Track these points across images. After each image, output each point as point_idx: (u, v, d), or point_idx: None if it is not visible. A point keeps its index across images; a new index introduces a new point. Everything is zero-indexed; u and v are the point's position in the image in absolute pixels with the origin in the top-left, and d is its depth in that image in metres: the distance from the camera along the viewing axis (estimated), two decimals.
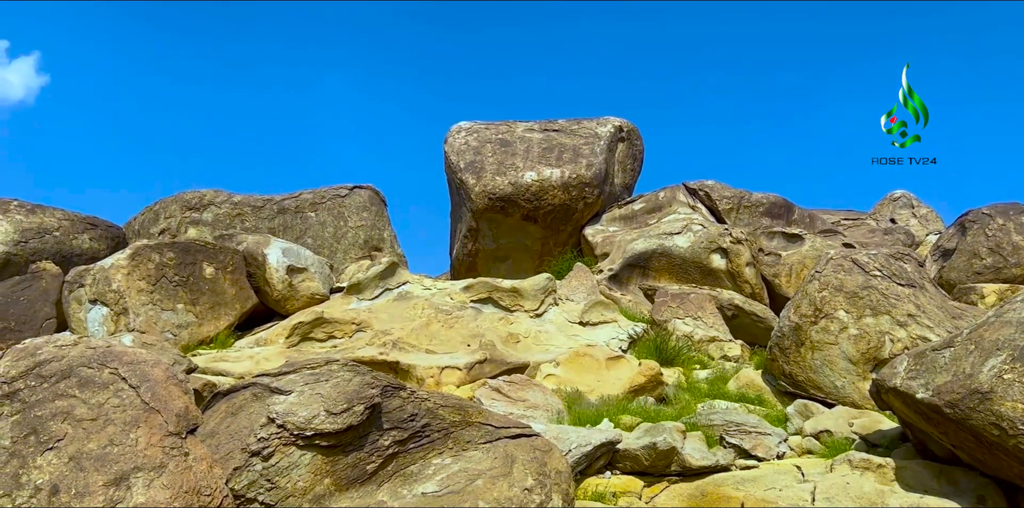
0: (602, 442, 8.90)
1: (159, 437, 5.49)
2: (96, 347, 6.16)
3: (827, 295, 11.24)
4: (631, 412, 10.33)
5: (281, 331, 13.87)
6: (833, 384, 10.86)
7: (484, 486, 7.75)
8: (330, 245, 17.75)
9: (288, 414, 7.55)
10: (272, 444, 7.48)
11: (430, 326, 13.87)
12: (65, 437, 5.45)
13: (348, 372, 8.05)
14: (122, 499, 5.15)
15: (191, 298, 13.38)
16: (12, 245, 13.65)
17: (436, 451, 8.02)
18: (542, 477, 7.90)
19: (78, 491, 5.17)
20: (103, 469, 5.27)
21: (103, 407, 5.61)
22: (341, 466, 7.61)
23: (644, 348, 13.37)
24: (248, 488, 7.37)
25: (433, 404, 8.20)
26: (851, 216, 23.89)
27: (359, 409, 7.64)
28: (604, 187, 18.61)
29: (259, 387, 8.09)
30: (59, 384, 5.78)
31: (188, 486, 5.32)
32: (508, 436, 8.25)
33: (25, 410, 5.68)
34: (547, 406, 10.47)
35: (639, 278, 17.07)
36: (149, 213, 18.04)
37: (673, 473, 8.87)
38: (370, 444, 7.77)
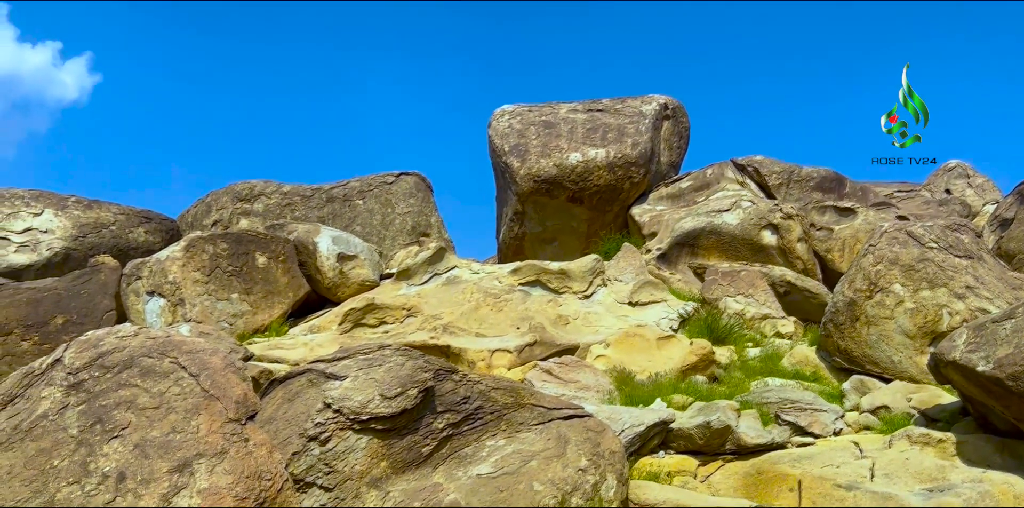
0: (655, 422, 8.91)
1: (219, 424, 5.63)
2: (156, 337, 6.32)
3: (882, 269, 11.07)
4: (683, 391, 10.31)
5: (333, 318, 14.06)
6: (890, 359, 10.72)
7: (538, 467, 7.81)
8: (378, 232, 17.91)
9: (343, 399, 7.69)
10: (329, 429, 7.62)
11: (479, 310, 13.95)
12: (129, 425, 5.62)
13: (401, 357, 8.16)
14: (186, 485, 5.30)
15: (245, 288, 13.61)
16: (71, 240, 14.02)
17: (489, 433, 8.10)
18: (596, 458, 7.93)
19: (143, 478, 5.33)
20: (167, 456, 5.43)
21: (164, 395, 5.76)
22: (397, 449, 7.73)
23: (695, 327, 13.30)
24: (307, 472, 7.53)
25: (485, 387, 8.27)
26: (904, 188, 23.41)
27: (413, 393, 7.74)
28: (650, 166, 18.48)
29: (314, 373, 8.24)
30: (122, 374, 5.95)
31: (249, 471, 5.46)
32: (560, 417, 8.29)
33: (90, 400, 5.86)
34: (598, 387, 10.49)
35: (688, 257, 16.95)
36: (201, 205, 18.36)
37: (728, 452, 8.85)
38: (424, 427, 7.87)
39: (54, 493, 5.35)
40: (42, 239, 13.85)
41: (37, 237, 13.90)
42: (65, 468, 5.48)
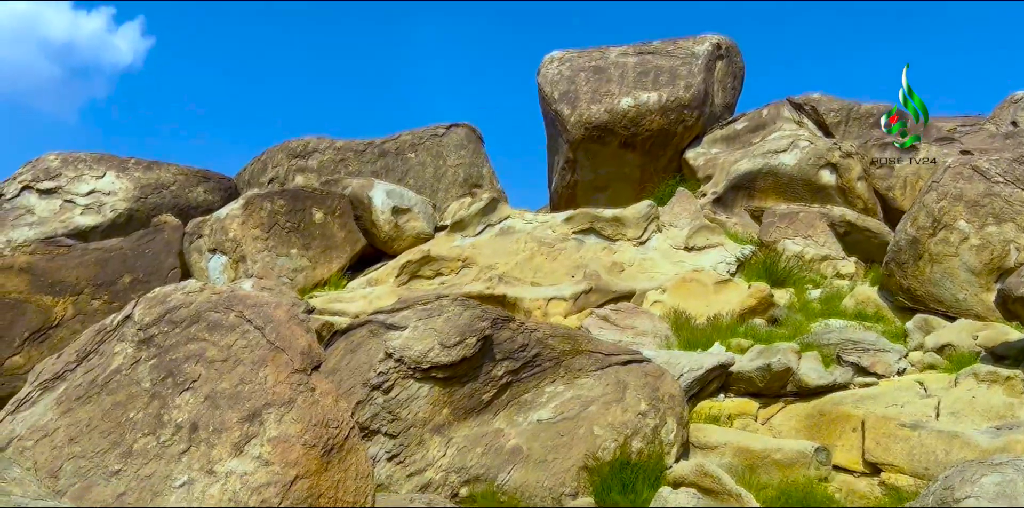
0: (714, 365, 8.91)
1: (286, 374, 5.77)
2: (221, 292, 6.47)
3: (946, 205, 10.80)
4: (742, 335, 10.27)
5: (390, 271, 14.22)
6: (954, 297, 10.51)
7: (598, 412, 7.90)
8: (431, 185, 17.95)
9: (404, 349, 7.83)
10: (391, 378, 7.78)
11: (534, 259, 13.98)
12: (199, 378, 5.79)
13: (459, 306, 8.25)
14: (256, 434, 5.46)
15: (303, 243, 13.82)
16: (133, 201, 14.32)
17: (548, 379, 8.19)
18: (655, 401, 7.99)
19: (215, 428, 5.50)
20: (237, 406, 5.59)
21: (232, 348, 5.91)
22: (458, 397, 7.87)
23: (753, 270, 13.18)
24: (371, 420, 7.72)
25: (543, 334, 8.34)
26: (968, 122, 22.61)
27: (471, 341, 7.85)
28: (704, 108, 18.15)
29: (375, 324, 8.39)
30: (190, 328, 6.11)
31: (317, 419, 5.60)
32: (619, 362, 8.34)
33: (161, 354, 6.05)
34: (656, 332, 10.50)
35: (744, 200, 16.71)
36: (257, 163, 18.57)
37: (789, 394, 8.84)
38: (484, 375, 7.99)
39: (131, 444, 5.57)
40: (106, 201, 14.18)
41: (101, 199, 14.24)
42: (140, 420, 5.69)
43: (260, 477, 5.27)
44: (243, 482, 5.23)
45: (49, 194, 14.11)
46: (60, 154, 14.93)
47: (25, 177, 14.27)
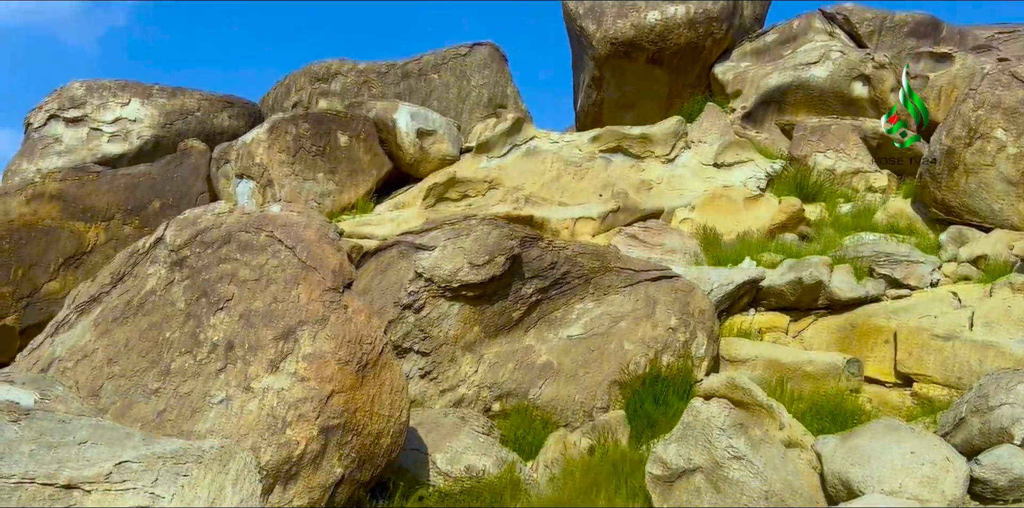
0: (744, 280, 8.87)
1: (318, 293, 5.80)
2: (251, 213, 6.47)
3: (983, 114, 10.49)
4: (773, 250, 10.19)
5: (417, 194, 14.18)
6: (990, 208, 10.31)
7: (628, 328, 7.93)
8: (455, 106, 17.70)
9: (434, 268, 7.85)
10: (422, 297, 7.84)
11: (560, 179, 13.87)
12: (233, 298, 5.84)
13: (487, 226, 8.23)
14: (291, 351, 5.53)
15: (329, 167, 13.78)
16: (159, 128, 14.27)
17: (578, 297, 8.20)
18: (685, 316, 7.99)
19: (251, 345, 5.58)
20: (271, 325, 5.65)
21: (264, 268, 5.94)
22: (488, 315, 7.92)
23: (783, 186, 12.99)
24: (404, 339, 7.81)
25: (571, 252, 8.32)
26: (1006, 29, 21.76)
27: (500, 260, 7.85)
28: (732, 20, 17.61)
29: (404, 245, 8.40)
30: (221, 249, 6.14)
31: (350, 336, 5.65)
32: (648, 279, 8.33)
33: (194, 275, 6.10)
34: (685, 249, 10.45)
35: (775, 114, 16.35)
36: (280, 88, 18.37)
37: (820, 307, 8.81)
38: (514, 293, 8.02)
39: (169, 363, 5.66)
40: (131, 128, 14.15)
41: (127, 127, 14.20)
42: (177, 339, 5.77)
43: (297, 393, 5.36)
44: (280, 398, 5.32)
45: (76, 123, 14.09)
46: (84, 82, 14.85)
47: (51, 106, 14.25)
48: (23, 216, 9.22)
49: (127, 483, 3.61)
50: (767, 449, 5.66)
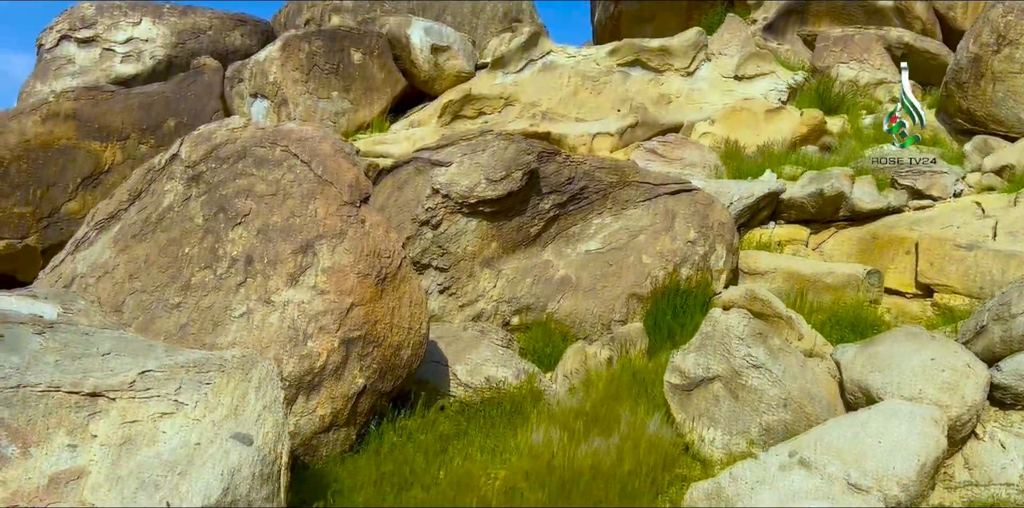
0: (765, 193, 8.77)
1: (335, 207, 5.77)
2: (265, 127, 6.40)
3: (1012, 19, 10.13)
4: (794, 162, 10.04)
5: (432, 111, 14.01)
6: (1017, 117, 10.06)
7: (646, 241, 7.89)
8: (469, 21, 17.30)
9: (451, 184, 7.79)
10: (439, 213, 7.80)
11: (578, 95, 13.63)
12: (250, 212, 5.83)
13: (503, 141, 8.12)
14: (310, 264, 5.54)
15: (344, 85, 13.58)
16: (171, 47, 14.04)
17: (596, 212, 8.14)
18: (704, 229, 7.94)
19: (270, 260, 5.59)
20: (289, 239, 5.65)
21: (280, 183, 5.91)
22: (506, 230, 7.89)
23: (805, 98, 12.72)
24: (422, 255, 7.81)
25: (589, 166, 8.22)
26: None
27: (517, 175, 7.77)
28: None
29: (420, 161, 8.32)
30: (237, 165, 6.10)
31: (368, 250, 5.65)
32: (667, 192, 8.24)
33: (210, 191, 6.08)
34: (704, 163, 10.31)
35: (797, 25, 15.89)
36: (292, 5, 17.97)
37: (841, 219, 8.71)
38: (531, 208, 7.97)
39: (189, 277, 5.70)
40: (144, 48, 13.94)
41: (139, 46, 13.99)
42: (196, 255, 5.79)
43: (317, 305, 5.39)
44: (301, 311, 5.36)
45: (88, 43, 13.88)
46: (94, 2, 14.57)
47: (62, 27, 14.02)
48: (39, 136, 9.17)
49: (151, 391, 3.66)
50: (786, 357, 5.68)
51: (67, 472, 3.23)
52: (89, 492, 3.17)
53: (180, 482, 3.23)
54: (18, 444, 3.29)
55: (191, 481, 3.25)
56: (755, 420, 5.45)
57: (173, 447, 3.41)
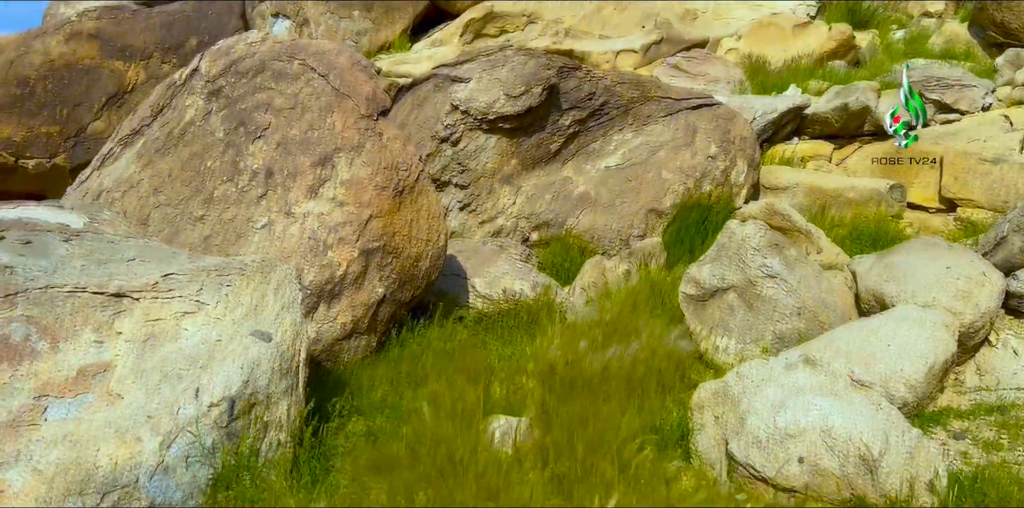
0: (788, 108, 8.65)
1: (353, 120, 5.80)
2: (283, 42, 6.39)
3: None
4: (820, 77, 9.86)
5: (454, 30, 13.81)
6: None
7: (666, 157, 7.85)
8: None
9: (470, 100, 7.76)
10: (458, 130, 7.80)
11: (602, 11, 13.35)
12: (269, 126, 5.87)
13: (523, 56, 8.03)
14: (329, 177, 5.61)
15: (365, 4, 13.39)
16: None
17: (616, 128, 8.09)
18: (726, 144, 7.88)
19: (289, 172, 5.66)
20: (308, 152, 5.70)
21: (298, 96, 5.93)
22: (525, 147, 7.89)
23: (835, 12, 12.37)
24: (442, 172, 7.84)
25: (610, 82, 8.13)
26: None
27: (537, 91, 7.71)
28: None
29: (439, 78, 8.28)
30: (256, 79, 6.11)
31: (386, 162, 5.69)
32: (689, 107, 8.16)
33: (230, 105, 6.12)
34: (729, 78, 10.15)
35: None
36: None
37: (866, 134, 8.60)
38: (551, 125, 7.93)
39: (212, 190, 5.79)
40: None
41: None
42: (218, 168, 5.87)
43: (336, 217, 5.47)
44: (320, 222, 5.45)
45: None
46: None
47: None
48: (63, 56, 9.20)
49: (173, 292, 3.78)
50: (802, 268, 5.72)
51: (94, 365, 3.38)
52: (115, 383, 3.32)
53: (202, 374, 3.37)
54: (47, 340, 3.43)
55: (213, 373, 3.38)
56: (769, 329, 5.53)
57: (195, 343, 3.54)
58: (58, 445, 3.01)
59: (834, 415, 3.42)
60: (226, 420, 3.27)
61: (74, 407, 3.19)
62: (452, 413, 3.63)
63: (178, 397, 3.27)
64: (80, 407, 3.20)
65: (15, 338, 3.39)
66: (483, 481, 2.90)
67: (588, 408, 3.63)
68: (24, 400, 3.16)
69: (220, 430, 3.26)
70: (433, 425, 3.48)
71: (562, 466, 3.19)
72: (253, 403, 3.43)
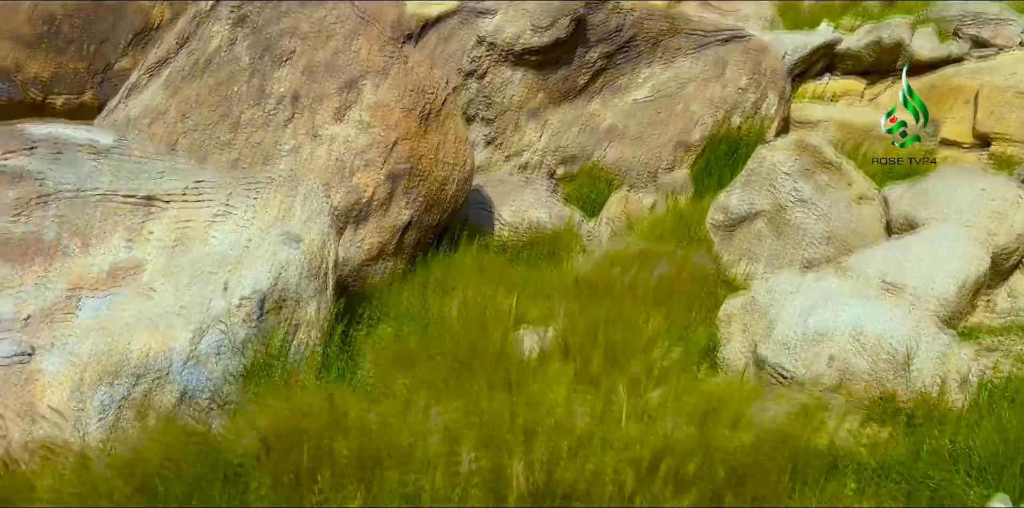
0: (820, 44, 8.49)
1: (378, 46, 5.75)
2: None
3: None
4: (853, 14, 9.63)
5: None
6: None
7: (696, 90, 7.75)
8: None
9: (496, 33, 7.66)
10: (484, 64, 7.72)
11: None
12: (295, 52, 5.84)
13: None
14: (355, 100, 5.58)
15: None
16: None
17: (644, 62, 7.98)
18: (756, 76, 7.75)
19: (316, 96, 5.64)
20: (334, 76, 5.67)
21: (323, 22, 5.88)
22: (552, 81, 7.80)
23: None
24: (468, 106, 7.79)
25: (639, 16, 8.00)
26: None
27: (564, 23, 7.60)
28: None
29: (466, 12, 8.18)
30: (281, 5, 6.06)
31: (412, 86, 5.66)
32: (719, 40, 8.01)
33: (256, 32, 6.08)
34: (760, 15, 9.96)
35: None
36: None
37: (899, 70, 8.42)
38: (578, 59, 7.83)
39: (239, 115, 5.78)
40: None
41: None
42: (244, 93, 5.85)
43: (362, 140, 5.46)
44: (347, 145, 5.43)
45: None
46: None
47: None
48: None
49: (203, 197, 3.79)
50: (833, 193, 5.64)
51: (125, 265, 3.41)
52: (147, 280, 3.35)
53: (232, 274, 3.39)
54: (78, 240, 3.46)
55: (242, 273, 3.40)
56: (797, 256, 5.47)
57: (224, 246, 3.57)
58: (91, 335, 3.05)
59: (865, 317, 3.39)
60: (256, 316, 3.29)
61: (106, 301, 3.23)
62: (480, 316, 3.63)
63: (208, 293, 3.30)
64: (112, 301, 3.23)
65: (47, 237, 3.42)
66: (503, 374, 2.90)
67: (613, 311, 3.62)
68: (58, 294, 3.20)
69: (250, 326, 3.28)
70: (461, 325, 3.49)
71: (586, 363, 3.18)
72: (282, 302, 3.45)
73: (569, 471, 2.34)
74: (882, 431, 3.09)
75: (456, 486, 2.36)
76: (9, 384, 2.88)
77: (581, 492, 2.33)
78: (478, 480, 2.38)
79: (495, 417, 2.45)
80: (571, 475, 2.33)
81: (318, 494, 2.29)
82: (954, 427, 2.92)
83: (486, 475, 2.37)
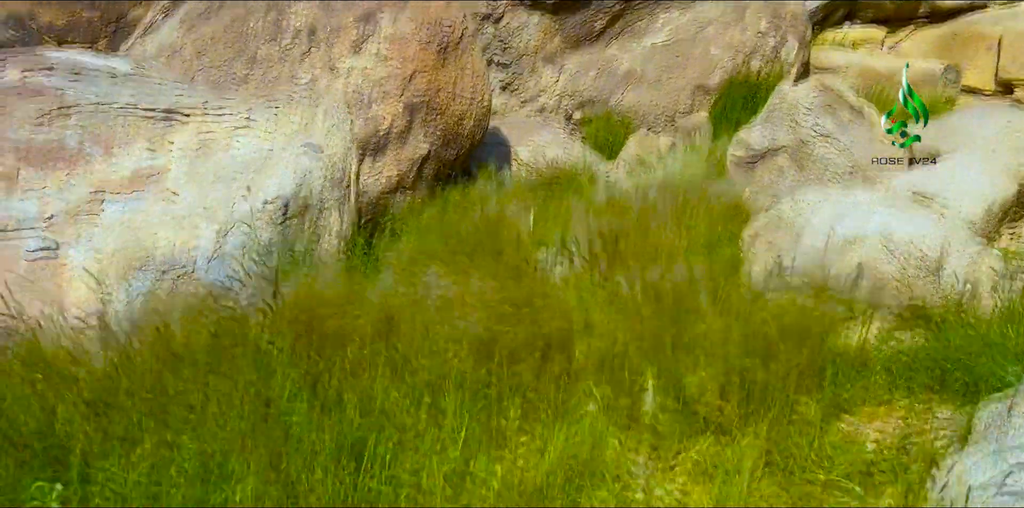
0: None
1: None
2: None
3: None
4: None
5: None
6: None
7: (715, 33, 7.64)
8: None
9: None
10: (501, 7, 7.63)
11: None
12: None
13: None
14: (372, 32, 5.52)
15: None
16: None
17: (663, 6, 7.86)
18: (776, 20, 7.64)
19: (333, 29, 5.57)
20: (351, 9, 5.61)
21: None
22: (569, 25, 7.70)
23: None
24: (483, 51, 7.69)
25: None
26: None
27: None
28: None
29: None
30: None
31: (430, 19, 5.59)
32: None
33: None
34: None
35: None
36: None
37: (921, 17, 8.31)
38: (596, 2, 7.73)
39: (254, 51, 5.72)
40: None
41: None
42: (260, 28, 5.79)
43: (380, 72, 5.40)
44: (364, 76, 5.38)
45: None
46: None
47: None
48: None
49: (224, 111, 3.77)
50: (855, 129, 5.57)
51: (148, 169, 3.39)
52: (170, 183, 3.32)
53: (255, 178, 3.37)
54: (100, 147, 3.44)
55: (266, 177, 3.38)
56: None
57: (247, 153, 3.54)
58: (116, 230, 3.04)
59: (895, 222, 3.35)
60: (280, 218, 3.28)
61: (131, 202, 3.22)
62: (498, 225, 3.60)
63: (232, 195, 3.28)
64: (136, 202, 3.23)
65: (70, 144, 3.40)
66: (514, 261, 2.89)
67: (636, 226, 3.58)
68: (81, 195, 3.19)
69: (275, 227, 3.26)
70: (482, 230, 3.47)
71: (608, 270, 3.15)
72: (305, 208, 3.43)
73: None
74: (914, 335, 3.05)
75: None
76: (36, 277, 2.87)
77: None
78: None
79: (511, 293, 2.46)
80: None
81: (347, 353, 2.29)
82: (986, 327, 2.88)
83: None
